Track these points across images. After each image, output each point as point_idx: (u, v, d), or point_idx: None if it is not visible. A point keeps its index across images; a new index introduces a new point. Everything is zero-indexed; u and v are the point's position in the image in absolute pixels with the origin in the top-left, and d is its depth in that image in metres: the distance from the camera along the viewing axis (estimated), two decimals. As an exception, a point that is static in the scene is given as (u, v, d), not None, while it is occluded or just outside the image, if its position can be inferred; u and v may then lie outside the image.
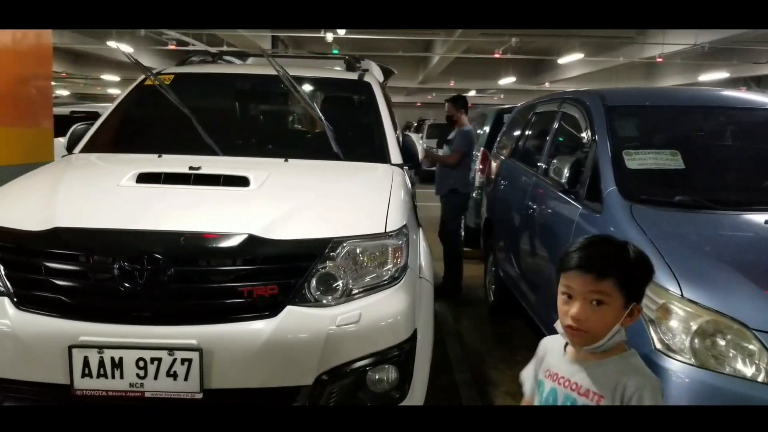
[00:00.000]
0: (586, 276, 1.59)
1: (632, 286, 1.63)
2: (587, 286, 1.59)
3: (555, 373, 1.73)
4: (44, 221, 2.47)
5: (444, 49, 16.36)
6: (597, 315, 1.60)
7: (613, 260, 1.62)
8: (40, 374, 2.35)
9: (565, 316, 1.62)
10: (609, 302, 1.60)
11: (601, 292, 1.59)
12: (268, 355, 2.35)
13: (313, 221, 2.60)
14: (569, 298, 1.62)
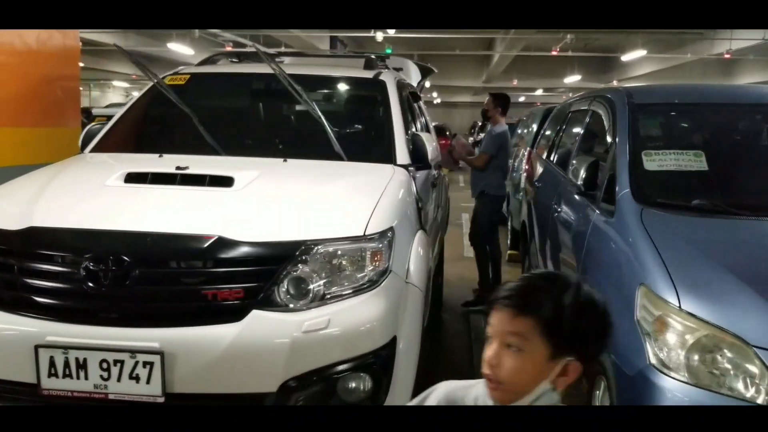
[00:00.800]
0: (503, 312, 1.29)
1: (563, 335, 1.28)
2: (503, 325, 1.29)
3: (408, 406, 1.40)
4: (22, 220, 2.49)
5: (502, 47, 16.08)
6: (512, 363, 1.28)
7: (538, 297, 1.29)
8: (9, 373, 2.37)
9: (484, 363, 1.31)
10: (527, 348, 1.28)
11: (518, 334, 1.27)
12: (230, 360, 2.29)
13: (288, 223, 2.53)
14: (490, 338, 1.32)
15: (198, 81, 4.04)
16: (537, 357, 1.28)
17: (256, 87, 3.97)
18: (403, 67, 6.00)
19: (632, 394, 2.50)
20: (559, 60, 18.50)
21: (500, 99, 6.15)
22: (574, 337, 1.29)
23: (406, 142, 3.63)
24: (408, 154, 3.59)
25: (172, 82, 4.01)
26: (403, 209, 3.01)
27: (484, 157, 5.97)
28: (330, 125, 3.50)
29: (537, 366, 1.29)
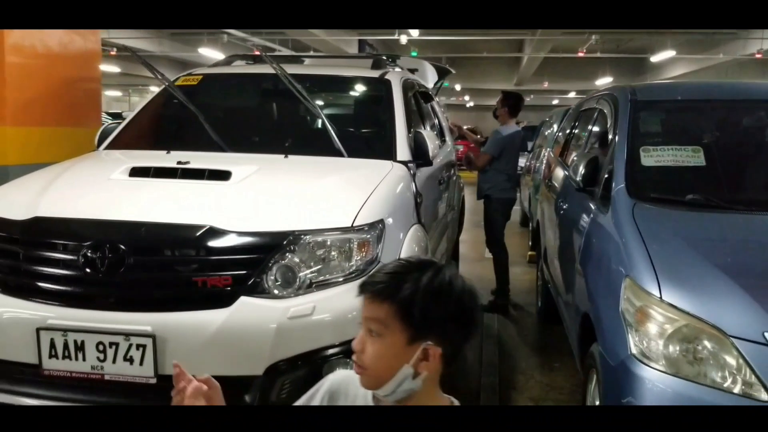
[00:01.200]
0: (365, 298, 1.31)
1: (417, 319, 1.28)
2: (365, 311, 1.31)
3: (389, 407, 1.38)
4: (28, 211, 2.64)
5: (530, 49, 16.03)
6: (373, 348, 1.30)
7: (395, 282, 1.29)
8: (13, 354, 2.51)
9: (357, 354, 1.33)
10: (386, 334, 1.29)
11: (377, 319, 1.29)
12: (219, 344, 2.39)
13: (278, 214, 2.63)
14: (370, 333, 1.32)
15: (209, 81, 4.18)
16: (396, 342, 1.29)
17: (263, 87, 4.09)
18: (419, 68, 6.07)
19: (615, 384, 2.54)
20: (591, 62, 18.35)
21: (508, 98, 6.04)
22: (429, 321, 1.29)
23: (407, 140, 3.70)
24: (409, 151, 3.66)
25: (185, 83, 4.16)
26: (397, 203, 3.09)
27: (484, 157, 5.86)
28: (334, 123, 3.59)
29: (396, 351, 1.29)
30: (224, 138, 3.57)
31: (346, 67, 4.68)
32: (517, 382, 4.59)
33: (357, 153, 3.53)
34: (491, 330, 5.64)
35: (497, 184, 5.83)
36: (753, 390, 2.21)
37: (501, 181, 5.84)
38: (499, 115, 6.01)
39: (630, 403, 2.40)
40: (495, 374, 4.64)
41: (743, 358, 2.24)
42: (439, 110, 5.73)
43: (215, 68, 4.56)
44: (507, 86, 27.33)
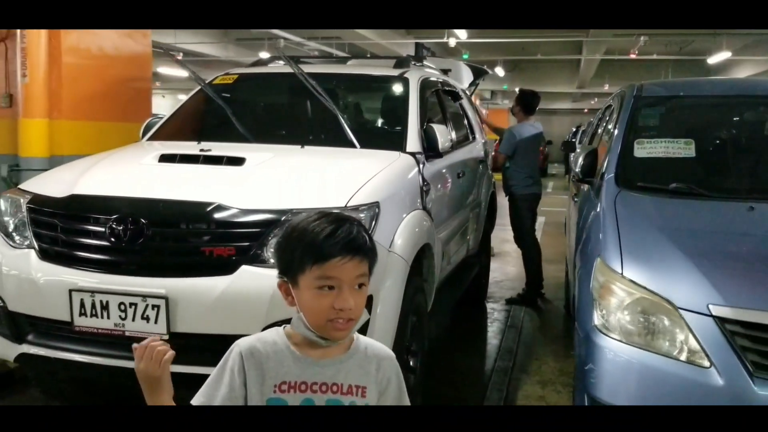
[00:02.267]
0: (354, 260, 1.41)
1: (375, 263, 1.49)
2: (355, 271, 1.41)
3: (302, 382, 1.44)
4: (67, 189, 3.05)
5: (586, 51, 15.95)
6: (361, 299, 1.44)
7: (367, 240, 1.45)
8: (52, 312, 2.91)
9: (329, 310, 1.40)
10: (366, 283, 1.45)
11: (364, 274, 1.44)
12: (222, 306, 2.73)
13: (279, 194, 2.95)
14: (329, 289, 1.40)
15: (244, 80, 4.57)
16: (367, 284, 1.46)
17: (290, 85, 4.42)
18: (453, 68, 6.32)
19: (582, 352, 2.75)
20: (652, 64, 18.10)
21: (522, 97, 6.18)
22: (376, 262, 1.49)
23: (418, 133, 3.97)
24: (420, 144, 3.92)
25: (222, 81, 4.56)
26: (397, 188, 3.36)
27: (499, 157, 6.04)
28: (354, 117, 3.90)
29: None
30: (252, 130, 3.92)
31: (370, 67, 4.98)
32: (531, 366, 4.78)
33: (370, 144, 3.81)
34: (516, 320, 5.83)
35: (519, 181, 6.03)
36: (696, 358, 2.40)
37: (522, 178, 6.03)
38: (515, 113, 6.17)
39: (590, 368, 2.62)
40: (510, 359, 4.85)
41: (689, 328, 2.42)
42: (469, 109, 5.94)
43: (252, 68, 4.94)
44: (568, 89, 27.06)
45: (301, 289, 1.43)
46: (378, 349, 1.53)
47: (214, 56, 18.53)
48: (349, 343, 1.49)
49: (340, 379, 1.46)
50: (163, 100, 29.14)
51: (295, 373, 1.44)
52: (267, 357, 1.45)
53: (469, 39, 14.13)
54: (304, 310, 1.44)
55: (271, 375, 1.44)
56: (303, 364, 1.45)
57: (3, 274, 3.02)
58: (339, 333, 1.42)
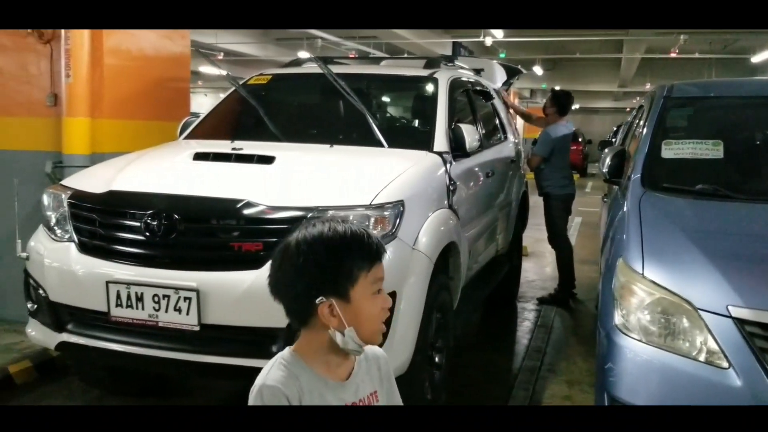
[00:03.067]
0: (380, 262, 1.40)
1: None
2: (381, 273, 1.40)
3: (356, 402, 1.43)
4: (105, 185, 3.18)
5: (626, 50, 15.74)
6: None
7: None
8: (90, 303, 3.05)
9: (383, 312, 1.39)
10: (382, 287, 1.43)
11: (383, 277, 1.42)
12: (249, 299, 2.83)
13: (307, 192, 3.04)
14: (379, 292, 1.39)
15: (277, 80, 4.68)
16: None
17: (321, 86, 4.51)
18: (486, 68, 6.34)
19: (602, 351, 2.78)
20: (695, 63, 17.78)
21: (557, 98, 6.18)
22: None
23: (446, 132, 4.02)
24: (447, 143, 3.98)
25: (256, 81, 4.68)
26: (422, 187, 3.43)
27: (535, 158, 6.09)
28: (383, 117, 3.97)
29: None
30: (284, 130, 4.03)
31: (402, 67, 5.05)
32: (559, 365, 4.80)
33: (398, 144, 3.88)
34: (546, 320, 5.84)
35: (555, 181, 6.10)
36: (715, 358, 2.41)
37: (558, 178, 6.11)
38: (548, 114, 6.16)
39: (610, 367, 2.65)
40: (538, 358, 4.87)
41: (708, 329, 2.43)
42: (501, 109, 5.97)
43: (286, 68, 5.05)
44: (610, 88, 26.72)
45: (355, 301, 1.35)
46: (373, 349, 1.49)
47: (254, 56, 18.80)
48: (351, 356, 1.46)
49: (361, 392, 1.43)
50: (206, 98, 29.65)
51: (330, 399, 1.37)
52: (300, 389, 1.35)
53: (505, 38, 14.08)
54: (361, 322, 1.35)
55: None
56: (336, 390, 1.39)
57: (45, 266, 3.17)
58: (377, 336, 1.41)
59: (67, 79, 4.51)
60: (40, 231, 3.36)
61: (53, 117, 4.71)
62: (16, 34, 4.76)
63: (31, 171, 4.61)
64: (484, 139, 4.80)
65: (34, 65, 4.78)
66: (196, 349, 2.90)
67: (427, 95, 4.36)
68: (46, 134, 4.72)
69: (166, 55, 5.25)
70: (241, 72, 23.62)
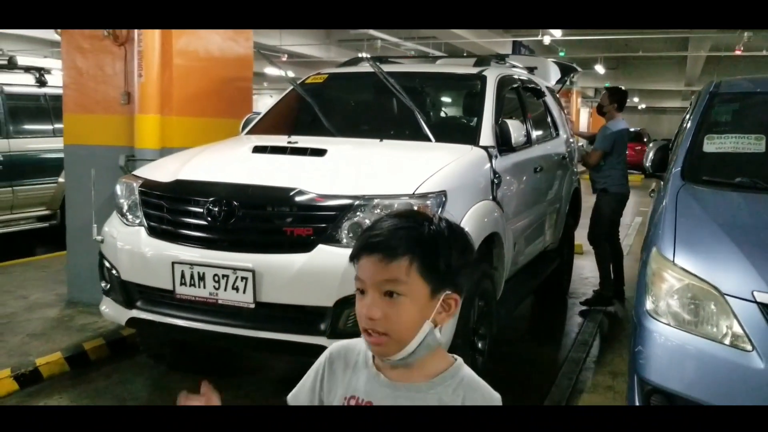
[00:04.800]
0: (372, 258, 1.21)
1: (439, 268, 1.23)
2: (377, 274, 1.21)
3: (367, 401, 1.29)
4: (172, 175, 3.47)
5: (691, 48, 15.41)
6: (395, 310, 1.21)
7: (404, 235, 1.22)
8: (157, 281, 3.34)
9: (362, 317, 1.23)
10: (407, 292, 1.21)
11: (396, 279, 1.20)
12: (300, 279, 3.06)
13: (354, 182, 3.25)
14: (362, 294, 1.24)
15: (332, 79, 4.92)
16: (418, 298, 1.22)
17: (373, 84, 4.72)
18: (539, 66, 6.45)
19: (635, 336, 2.89)
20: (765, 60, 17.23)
21: (615, 94, 6.14)
22: (451, 270, 1.24)
23: (492, 128, 4.17)
24: (493, 138, 4.13)
25: (313, 80, 4.94)
26: (466, 179, 3.60)
27: (596, 154, 6.01)
28: (433, 113, 4.15)
29: (419, 307, 1.22)
30: (337, 125, 4.26)
31: (454, 66, 5.22)
32: (605, 358, 4.87)
33: (445, 138, 4.06)
34: (596, 316, 5.89)
35: (615, 179, 5.99)
36: (739, 342, 2.51)
37: (618, 176, 6.00)
38: (607, 111, 6.12)
39: (640, 350, 2.76)
40: (584, 351, 4.95)
41: (734, 313, 2.53)
42: (553, 106, 6.06)
43: (341, 68, 5.29)
44: (677, 87, 26.12)
45: None
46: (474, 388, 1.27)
47: (317, 57, 19.25)
48: (438, 370, 1.28)
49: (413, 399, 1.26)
50: (271, 99, 30.39)
51: (364, 389, 1.29)
52: (346, 367, 1.34)
53: (564, 36, 14.02)
54: None
55: (343, 386, 1.32)
56: (375, 383, 1.29)
57: (118, 248, 3.49)
58: (374, 349, 1.26)
59: (140, 79, 4.86)
60: (113, 217, 3.69)
61: (126, 114, 5.07)
62: (93, 37, 5.15)
63: (106, 164, 4.98)
64: (534, 135, 4.92)
65: (109, 66, 5.16)
66: (251, 324, 3.15)
67: (475, 92, 4.52)
68: (120, 130, 5.09)
69: (230, 55, 5.56)
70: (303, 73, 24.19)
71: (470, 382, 1.28)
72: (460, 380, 1.27)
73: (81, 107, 5.28)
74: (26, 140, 7.77)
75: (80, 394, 3.97)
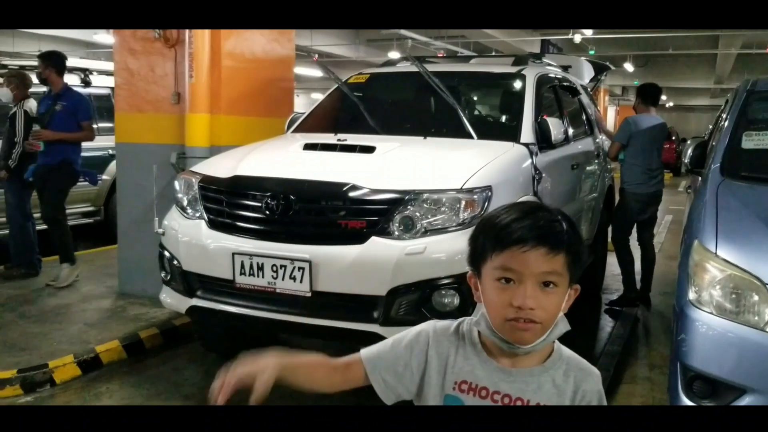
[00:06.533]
0: (538, 250, 1.25)
1: (578, 263, 1.31)
2: (540, 265, 1.25)
3: (483, 387, 1.33)
4: (230, 171, 3.66)
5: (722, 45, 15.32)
6: (550, 300, 1.28)
7: (563, 231, 1.29)
8: (218, 271, 3.52)
9: (508, 307, 1.26)
10: (560, 284, 1.28)
11: (555, 272, 1.27)
12: (354, 270, 3.22)
13: (404, 177, 3.41)
14: (507, 282, 1.27)
15: (374, 79, 5.10)
16: (564, 289, 1.30)
17: (415, 83, 4.87)
18: (573, 65, 6.55)
19: (678, 325, 3.01)
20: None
21: (640, 88, 5.97)
22: (581, 263, 1.32)
23: (532, 125, 4.30)
24: (533, 135, 4.26)
25: (356, 80, 5.11)
26: (509, 175, 3.73)
27: (614, 146, 5.79)
28: (474, 111, 4.29)
29: (563, 299, 1.30)
30: (381, 123, 4.42)
31: (491, 65, 5.36)
32: (641, 351, 4.99)
33: (487, 136, 4.21)
34: (631, 310, 5.96)
35: (633, 176, 5.69)
36: (781, 329, 2.62)
37: (637, 174, 5.66)
38: (635, 107, 5.97)
39: (683, 339, 2.88)
40: (620, 345, 5.06)
41: (775, 302, 2.64)
42: (588, 104, 6.16)
43: (382, 68, 5.45)
44: (706, 85, 25.90)
45: (483, 280, 1.32)
46: (580, 367, 1.38)
47: (346, 57, 19.44)
48: (546, 354, 1.36)
49: (528, 394, 1.32)
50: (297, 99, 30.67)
51: (479, 375, 1.34)
52: (456, 348, 1.37)
53: (594, 35, 14.05)
54: (486, 305, 1.31)
55: (455, 370, 1.35)
56: (489, 368, 1.34)
57: (179, 240, 3.68)
58: (519, 335, 1.28)
59: (191, 80, 5.06)
60: (173, 210, 3.88)
61: (176, 113, 5.28)
62: (145, 40, 5.37)
63: (157, 161, 5.18)
64: (570, 133, 5.04)
65: (160, 67, 5.38)
66: (307, 312, 3.31)
67: (515, 90, 4.66)
68: (170, 129, 5.30)
69: (274, 56, 5.75)
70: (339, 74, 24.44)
71: (575, 362, 1.37)
72: (566, 361, 1.36)
73: (132, 107, 5.50)
74: (72, 139, 8.03)
75: (138, 380, 4.18)
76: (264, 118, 5.60)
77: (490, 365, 1.34)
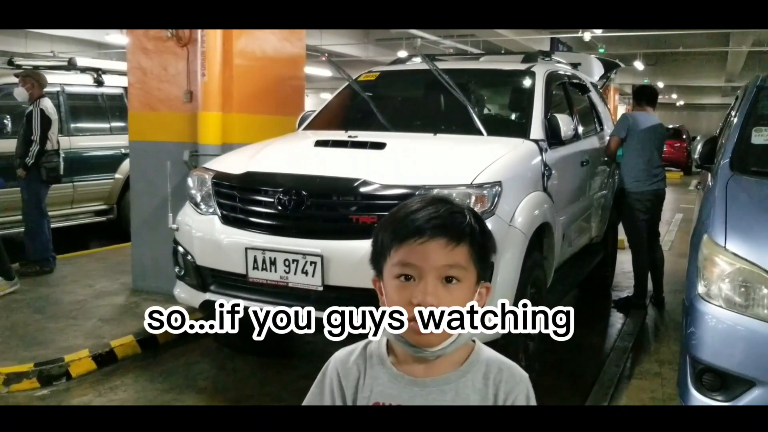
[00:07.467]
0: (437, 241, 1.15)
1: (485, 258, 1.22)
2: (439, 258, 1.15)
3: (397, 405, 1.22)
4: (243, 167, 3.71)
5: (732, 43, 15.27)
6: (453, 296, 1.16)
7: (465, 222, 1.19)
8: (231, 266, 3.57)
9: (408, 306, 1.15)
10: (464, 279, 1.17)
11: (456, 264, 1.16)
12: (365, 264, 3.23)
13: (415, 172, 3.45)
14: (407, 280, 1.16)
15: (385, 77, 5.13)
16: (470, 286, 1.19)
17: (425, 81, 4.91)
18: (583, 62, 6.56)
19: (688, 318, 3.03)
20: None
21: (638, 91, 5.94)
22: (489, 259, 1.23)
23: (542, 122, 4.33)
24: (543, 132, 4.28)
25: (366, 78, 5.15)
26: (518, 170, 3.76)
27: (612, 140, 5.63)
28: (484, 108, 4.32)
29: (470, 296, 1.19)
30: (391, 120, 4.46)
31: (500, 62, 5.38)
32: (651, 347, 5.00)
33: (496, 132, 4.24)
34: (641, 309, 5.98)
35: (633, 175, 5.59)
36: (788, 322, 2.63)
37: (635, 172, 5.58)
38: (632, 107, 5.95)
39: (693, 332, 2.90)
40: (630, 341, 5.07)
41: (785, 295, 2.66)
42: (598, 101, 6.17)
43: (391, 66, 5.49)
44: (716, 83, 25.79)
45: (385, 281, 1.21)
46: (501, 368, 1.24)
47: (355, 56, 19.51)
48: (463, 358, 1.24)
49: (445, 404, 1.20)
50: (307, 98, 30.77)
51: (392, 393, 1.22)
52: (363, 371, 1.26)
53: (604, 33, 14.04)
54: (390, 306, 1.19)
55: (364, 394, 1.25)
56: (400, 384, 1.22)
57: (193, 235, 3.73)
58: (420, 338, 1.17)
59: (203, 78, 5.11)
60: (187, 207, 3.93)
61: (188, 112, 5.34)
62: (158, 39, 5.43)
63: (170, 159, 5.23)
64: (580, 130, 5.06)
65: (172, 66, 5.44)
66: (319, 306, 3.35)
67: (525, 87, 4.68)
68: (182, 127, 5.36)
69: (284, 55, 5.81)
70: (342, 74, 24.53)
71: (497, 363, 1.24)
72: (486, 363, 1.24)
73: (145, 105, 5.56)
74: (85, 138, 8.14)
75: (152, 375, 4.24)
76: (275, 116, 5.65)
77: (401, 381, 1.23)
